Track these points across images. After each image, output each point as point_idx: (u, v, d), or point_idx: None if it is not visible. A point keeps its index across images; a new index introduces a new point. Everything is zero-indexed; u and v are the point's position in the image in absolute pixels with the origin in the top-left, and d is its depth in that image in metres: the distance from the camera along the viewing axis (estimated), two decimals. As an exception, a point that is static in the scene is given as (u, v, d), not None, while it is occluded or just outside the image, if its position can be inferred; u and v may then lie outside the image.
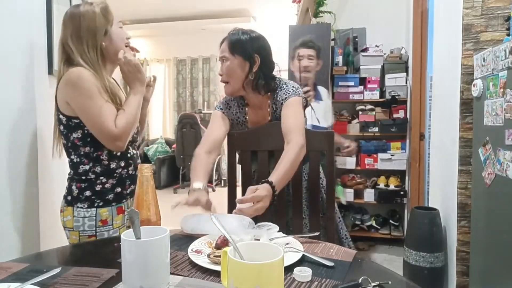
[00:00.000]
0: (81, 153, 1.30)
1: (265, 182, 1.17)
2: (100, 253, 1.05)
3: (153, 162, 6.07)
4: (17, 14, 1.50)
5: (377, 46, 3.39)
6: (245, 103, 1.52)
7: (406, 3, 3.46)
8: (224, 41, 1.43)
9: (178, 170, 6.09)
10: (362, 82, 3.40)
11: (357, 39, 3.48)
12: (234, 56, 1.40)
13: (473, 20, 1.84)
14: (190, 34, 6.65)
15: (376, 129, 3.34)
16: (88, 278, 0.80)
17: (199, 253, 0.92)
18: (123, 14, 6.06)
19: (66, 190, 1.33)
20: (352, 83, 3.39)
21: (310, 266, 0.85)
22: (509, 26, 1.72)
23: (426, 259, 2.07)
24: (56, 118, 1.33)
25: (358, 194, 3.44)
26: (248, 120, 1.52)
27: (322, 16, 3.50)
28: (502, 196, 1.46)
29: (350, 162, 3.40)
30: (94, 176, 1.31)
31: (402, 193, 3.30)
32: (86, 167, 1.30)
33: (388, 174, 3.41)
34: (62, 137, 1.32)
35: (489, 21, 1.82)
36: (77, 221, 1.29)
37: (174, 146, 6.00)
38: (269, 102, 1.47)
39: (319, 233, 1.24)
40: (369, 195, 3.39)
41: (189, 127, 5.73)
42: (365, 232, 3.40)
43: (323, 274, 0.83)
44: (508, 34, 1.72)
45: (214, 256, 0.87)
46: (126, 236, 0.72)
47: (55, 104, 1.31)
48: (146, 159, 6.24)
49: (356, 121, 3.47)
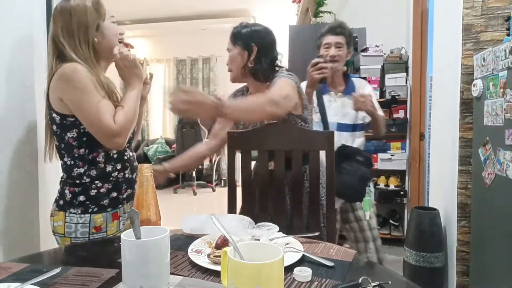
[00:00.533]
0: (75, 155, 1.23)
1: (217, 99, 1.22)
2: (100, 253, 1.05)
3: (153, 162, 6.06)
4: (17, 13, 1.50)
5: (377, 46, 3.39)
6: (248, 93, 1.64)
7: (406, 3, 3.46)
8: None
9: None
10: (362, 82, 3.39)
11: (357, 39, 3.47)
12: (235, 46, 1.53)
13: (473, 20, 1.84)
14: (190, 34, 6.64)
15: (376, 129, 3.34)
16: (88, 278, 0.80)
17: (199, 253, 0.92)
18: (123, 14, 6.06)
19: (58, 194, 1.27)
20: (352, 83, 3.39)
21: (310, 266, 0.85)
22: (509, 26, 1.72)
23: (426, 259, 2.07)
24: (48, 118, 1.27)
25: (358, 194, 3.43)
26: None
27: (322, 16, 3.50)
28: (502, 196, 1.46)
29: (350, 162, 3.39)
30: (89, 180, 1.23)
31: (402, 193, 3.30)
32: (81, 170, 1.23)
33: (388, 174, 3.41)
34: (55, 138, 1.26)
35: (489, 21, 1.82)
36: (69, 227, 1.22)
37: (174, 146, 6.00)
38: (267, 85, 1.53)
39: (319, 233, 1.24)
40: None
41: (189, 127, 5.73)
42: (365, 232, 3.40)
43: (323, 274, 0.83)
44: (508, 34, 1.72)
45: (214, 256, 0.87)
46: (126, 236, 0.72)
47: (47, 102, 1.24)
48: (146, 159, 6.23)
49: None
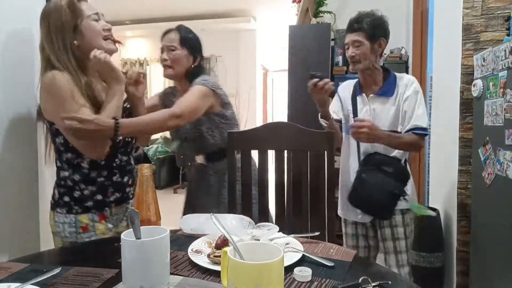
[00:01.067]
0: (63, 159, 1.26)
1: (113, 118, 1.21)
2: (100, 253, 1.05)
3: (153, 162, 6.06)
4: (17, 13, 1.50)
5: (377, 46, 3.38)
6: (177, 93, 1.75)
7: (406, 3, 3.46)
8: (171, 31, 1.68)
9: (178, 170, 6.09)
10: (362, 82, 3.39)
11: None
12: (182, 48, 1.66)
13: (473, 20, 1.84)
14: (190, 34, 6.64)
15: (376, 129, 3.34)
16: (88, 278, 0.80)
17: (199, 253, 0.92)
18: (123, 14, 6.06)
19: (52, 194, 1.31)
20: (352, 83, 3.39)
21: (310, 266, 0.85)
22: (509, 26, 1.72)
23: (426, 259, 2.07)
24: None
25: (358, 194, 3.42)
26: None
27: (322, 16, 3.50)
28: (502, 196, 1.46)
29: (350, 162, 3.39)
30: (72, 183, 1.25)
31: (402, 193, 3.30)
32: (66, 174, 1.25)
33: (388, 174, 3.40)
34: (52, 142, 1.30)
35: (489, 21, 1.82)
36: (57, 226, 1.25)
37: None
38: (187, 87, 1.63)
39: (319, 233, 1.24)
40: (369, 195, 3.38)
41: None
42: (365, 232, 3.39)
43: (323, 274, 0.83)
44: (508, 34, 1.71)
45: (214, 256, 0.87)
46: (126, 236, 0.72)
47: (39, 109, 1.27)
48: (146, 159, 6.23)
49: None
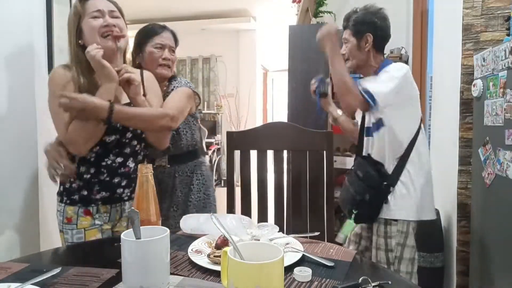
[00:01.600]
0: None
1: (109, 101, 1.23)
2: (100, 253, 1.05)
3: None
4: (17, 14, 1.50)
5: (377, 46, 3.38)
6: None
7: (406, 3, 3.46)
8: (165, 30, 1.65)
9: (178, 170, 6.08)
10: (362, 82, 3.39)
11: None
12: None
13: (473, 20, 1.84)
14: (190, 34, 6.63)
15: (376, 129, 3.34)
16: (88, 278, 0.80)
17: (199, 253, 0.92)
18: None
19: None
20: (352, 83, 3.39)
21: (310, 266, 0.85)
22: (509, 26, 1.72)
23: (426, 259, 2.07)
24: None
25: (358, 194, 3.43)
26: None
27: (322, 16, 3.50)
28: (502, 196, 1.46)
29: (349, 162, 3.39)
30: None
31: (402, 193, 3.29)
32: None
33: (388, 174, 3.41)
34: None
35: (489, 21, 1.82)
36: (57, 212, 1.33)
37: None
38: (164, 89, 1.62)
39: (319, 233, 1.24)
40: (369, 195, 3.38)
41: (189, 127, 5.73)
42: (365, 232, 3.39)
43: (323, 274, 0.83)
44: (508, 34, 1.71)
45: (214, 256, 0.87)
46: (126, 236, 0.72)
47: None
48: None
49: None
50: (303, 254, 0.91)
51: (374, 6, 1.69)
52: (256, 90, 6.75)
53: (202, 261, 0.87)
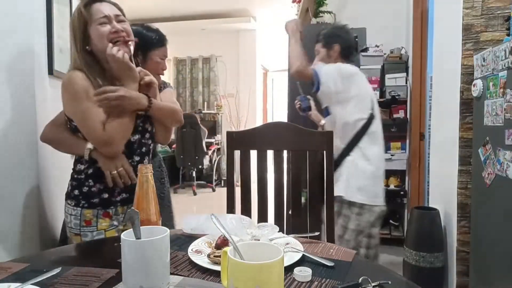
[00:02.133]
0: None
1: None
2: (100, 253, 1.05)
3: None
4: (17, 14, 1.50)
5: (377, 46, 3.39)
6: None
7: (406, 3, 3.46)
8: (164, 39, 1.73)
9: (178, 170, 6.09)
10: (362, 82, 3.39)
11: (357, 39, 3.47)
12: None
13: (473, 20, 1.84)
14: (190, 34, 6.64)
15: (376, 129, 3.34)
16: (88, 278, 0.80)
17: (199, 253, 0.92)
18: (123, 14, 6.06)
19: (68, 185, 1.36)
20: (352, 83, 3.39)
21: (310, 266, 0.85)
22: (509, 26, 1.72)
23: (426, 259, 2.07)
24: None
25: (358, 194, 3.43)
26: None
27: (322, 16, 3.50)
28: (502, 196, 1.46)
29: (350, 162, 3.39)
30: (84, 177, 1.29)
31: (402, 193, 3.30)
32: (81, 167, 1.30)
33: (388, 174, 3.40)
34: None
35: (489, 21, 1.82)
36: (66, 216, 1.32)
37: (174, 146, 6.00)
38: None
39: (319, 233, 1.24)
40: (369, 195, 3.39)
41: (189, 127, 5.73)
42: (365, 232, 3.40)
43: (323, 274, 0.83)
44: (508, 34, 1.71)
45: (214, 256, 0.87)
46: (126, 236, 0.72)
47: None
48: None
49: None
50: (303, 254, 0.91)
51: (340, 23, 2.20)
52: (256, 90, 6.75)
53: (202, 261, 0.87)
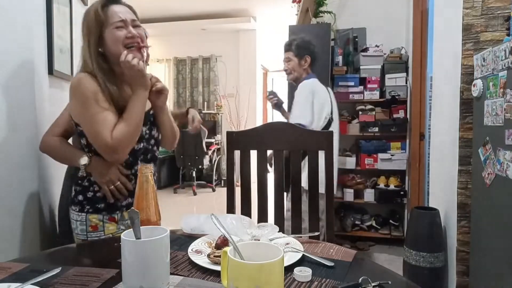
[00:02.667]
0: None
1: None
2: (100, 253, 1.05)
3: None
4: (16, 14, 1.50)
5: (377, 46, 3.39)
6: None
7: (406, 3, 3.46)
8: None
9: (178, 170, 6.09)
10: (362, 82, 3.40)
11: (357, 39, 3.48)
12: None
13: (473, 20, 1.84)
14: (190, 34, 6.65)
15: (376, 129, 3.35)
16: (88, 278, 0.80)
17: (199, 253, 0.92)
18: (123, 14, 6.05)
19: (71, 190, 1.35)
20: (352, 83, 3.39)
21: (310, 266, 0.85)
22: (509, 26, 1.72)
23: (426, 259, 2.07)
24: None
25: (358, 194, 3.44)
26: None
27: (322, 16, 3.50)
28: (502, 196, 1.46)
29: (350, 162, 3.40)
30: (88, 183, 1.29)
31: (402, 193, 3.30)
32: (84, 173, 1.28)
33: (388, 174, 3.41)
34: None
35: (489, 21, 1.82)
36: (72, 222, 1.31)
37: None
38: None
39: (319, 233, 1.24)
40: (369, 195, 3.39)
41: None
42: (365, 232, 3.40)
43: (323, 274, 0.83)
44: (508, 34, 1.71)
45: (214, 256, 0.87)
46: (126, 236, 0.72)
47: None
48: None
49: (356, 121, 3.47)
50: (303, 254, 0.91)
51: (307, 37, 2.50)
52: (256, 90, 6.75)
53: (202, 261, 0.87)
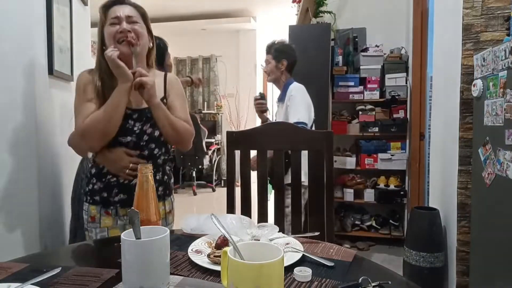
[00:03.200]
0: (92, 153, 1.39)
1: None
2: (100, 253, 1.05)
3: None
4: (17, 14, 1.50)
5: (377, 46, 3.39)
6: None
7: (406, 3, 3.46)
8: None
9: (178, 170, 6.09)
10: (362, 82, 3.40)
11: (357, 39, 3.48)
12: None
13: (473, 20, 1.84)
14: (190, 34, 6.64)
15: (376, 129, 3.35)
16: (88, 278, 0.80)
17: (199, 253, 0.92)
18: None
19: None
20: (352, 83, 3.39)
21: (310, 266, 0.85)
22: (509, 26, 1.72)
23: (426, 259, 2.07)
24: None
25: (358, 194, 3.44)
26: None
27: (322, 16, 3.51)
28: (502, 196, 1.46)
29: (350, 162, 3.40)
30: (89, 176, 1.38)
31: (402, 193, 3.30)
32: (89, 165, 1.41)
33: (388, 174, 3.41)
34: None
35: (489, 21, 1.82)
36: (84, 213, 1.39)
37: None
38: None
39: (319, 233, 1.24)
40: (369, 195, 3.39)
41: (189, 127, 5.74)
42: (365, 232, 3.40)
43: (323, 274, 0.83)
44: (508, 34, 1.71)
45: (214, 256, 0.87)
46: (126, 236, 0.72)
47: None
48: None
49: (356, 121, 3.47)
50: (303, 254, 0.91)
51: (287, 41, 2.63)
52: (256, 90, 6.75)
53: (202, 261, 0.87)
